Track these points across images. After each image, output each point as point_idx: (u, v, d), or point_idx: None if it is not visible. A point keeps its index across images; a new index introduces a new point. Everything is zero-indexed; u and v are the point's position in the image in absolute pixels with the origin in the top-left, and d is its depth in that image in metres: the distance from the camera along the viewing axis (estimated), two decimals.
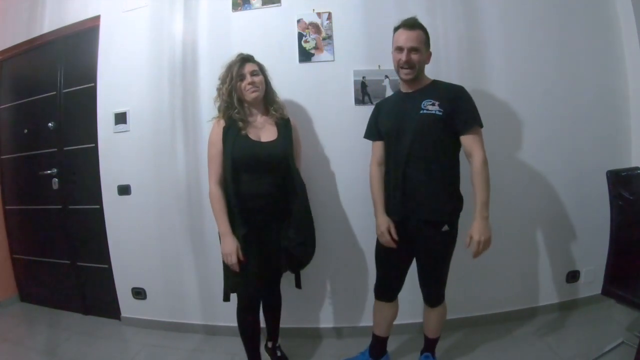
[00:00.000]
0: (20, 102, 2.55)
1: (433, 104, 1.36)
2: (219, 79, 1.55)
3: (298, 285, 1.69)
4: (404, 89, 1.49)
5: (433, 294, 1.52)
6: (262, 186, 1.48)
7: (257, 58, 1.59)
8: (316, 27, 1.94)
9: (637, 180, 1.56)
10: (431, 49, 1.79)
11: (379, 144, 1.56)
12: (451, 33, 1.92)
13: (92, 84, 2.19)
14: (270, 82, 1.60)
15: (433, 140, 1.35)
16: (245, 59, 1.53)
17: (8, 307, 2.58)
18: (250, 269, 1.47)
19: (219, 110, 1.55)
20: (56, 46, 2.36)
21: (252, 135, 1.51)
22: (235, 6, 1.97)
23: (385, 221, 1.47)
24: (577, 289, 2.08)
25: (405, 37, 1.38)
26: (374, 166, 1.58)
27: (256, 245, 1.49)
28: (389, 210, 1.49)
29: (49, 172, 2.41)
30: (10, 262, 2.69)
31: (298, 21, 1.94)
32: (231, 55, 1.55)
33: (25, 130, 2.52)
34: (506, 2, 1.94)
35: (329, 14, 1.93)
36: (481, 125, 1.39)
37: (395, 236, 1.45)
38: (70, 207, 2.39)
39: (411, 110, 1.39)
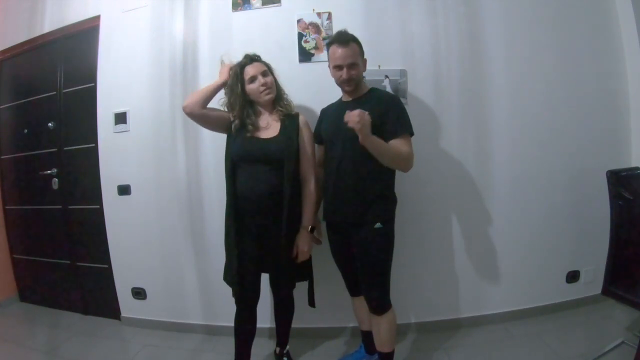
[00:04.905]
0: (20, 102, 2.55)
1: None
2: (228, 86, 1.53)
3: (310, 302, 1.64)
4: (344, 97, 1.58)
5: (375, 298, 1.46)
6: (256, 187, 1.45)
7: None
8: (316, 27, 1.94)
9: (637, 180, 1.56)
10: (432, 49, 1.77)
11: (322, 148, 1.65)
12: (452, 33, 1.92)
13: (92, 84, 2.19)
14: (278, 80, 1.59)
15: (361, 146, 1.38)
16: (252, 59, 1.52)
17: (8, 307, 2.58)
18: (244, 270, 1.47)
19: (233, 117, 1.54)
20: (56, 46, 2.36)
21: (255, 134, 1.51)
22: (236, 6, 1.98)
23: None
24: (577, 289, 2.07)
25: (342, 55, 1.43)
26: None
27: (252, 247, 1.48)
28: (323, 212, 1.59)
29: (49, 172, 2.41)
30: (10, 262, 2.69)
31: (298, 21, 1.94)
32: (231, 55, 1.54)
33: (25, 130, 2.53)
34: (507, 2, 1.94)
35: (329, 14, 1.93)
36: (411, 134, 1.46)
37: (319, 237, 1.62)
38: (70, 207, 2.39)
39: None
